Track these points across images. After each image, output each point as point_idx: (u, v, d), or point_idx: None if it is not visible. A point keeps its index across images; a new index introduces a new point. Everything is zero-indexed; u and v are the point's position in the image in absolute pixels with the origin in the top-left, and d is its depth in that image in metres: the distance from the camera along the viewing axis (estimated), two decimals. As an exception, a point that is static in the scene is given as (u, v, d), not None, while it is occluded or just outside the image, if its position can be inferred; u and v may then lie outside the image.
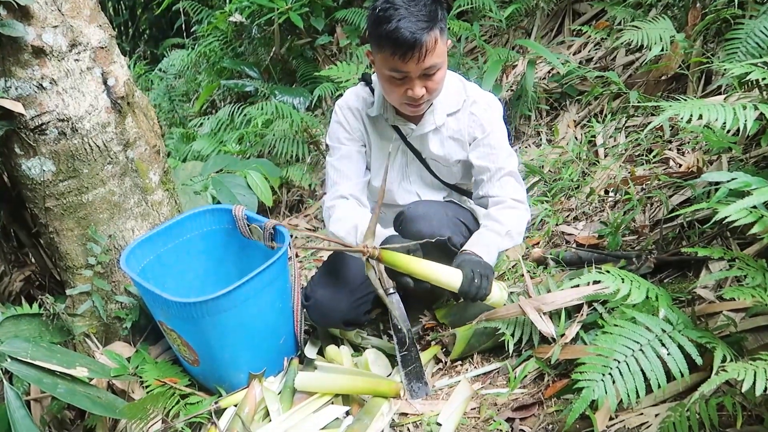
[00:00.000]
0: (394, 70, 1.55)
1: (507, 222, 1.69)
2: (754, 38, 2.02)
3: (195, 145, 3.89)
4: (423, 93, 1.59)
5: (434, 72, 1.57)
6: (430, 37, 1.49)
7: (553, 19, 3.45)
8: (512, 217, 1.72)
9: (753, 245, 1.53)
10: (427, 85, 1.58)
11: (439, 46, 1.53)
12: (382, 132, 1.80)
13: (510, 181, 1.75)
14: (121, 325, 1.91)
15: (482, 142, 1.73)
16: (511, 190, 1.74)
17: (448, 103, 1.72)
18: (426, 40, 1.49)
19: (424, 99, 1.61)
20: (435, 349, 1.81)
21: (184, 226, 1.93)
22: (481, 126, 1.73)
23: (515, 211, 1.73)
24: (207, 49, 4.62)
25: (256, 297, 1.67)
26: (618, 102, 2.65)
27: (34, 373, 1.50)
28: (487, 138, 1.73)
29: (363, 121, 1.80)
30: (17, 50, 1.60)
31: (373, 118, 1.78)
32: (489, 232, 1.69)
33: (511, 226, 1.69)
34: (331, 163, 1.84)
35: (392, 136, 1.79)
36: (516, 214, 1.73)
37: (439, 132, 1.75)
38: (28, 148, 1.70)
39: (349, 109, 1.81)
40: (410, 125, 1.75)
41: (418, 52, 1.50)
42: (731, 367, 1.03)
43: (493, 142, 1.74)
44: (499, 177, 1.74)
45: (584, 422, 1.32)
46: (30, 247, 2.06)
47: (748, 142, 1.86)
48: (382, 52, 1.54)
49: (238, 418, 1.61)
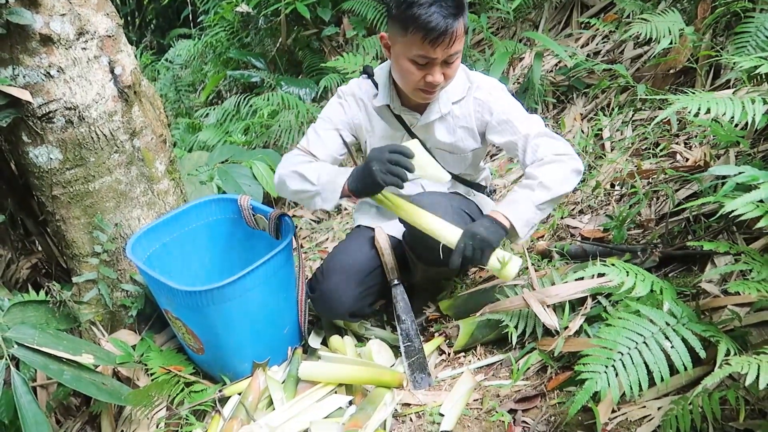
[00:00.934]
0: (421, 56, 1.55)
1: (541, 174, 1.58)
2: (764, 32, 2.00)
3: (201, 136, 3.90)
4: (442, 79, 1.59)
5: (455, 60, 1.58)
6: (459, 25, 1.51)
7: (560, 12, 3.43)
8: (549, 169, 1.59)
9: (759, 240, 1.53)
10: (446, 72, 1.59)
11: (462, 34, 1.55)
12: (388, 122, 1.80)
13: (543, 141, 1.63)
14: (127, 313, 1.92)
15: (495, 120, 1.70)
16: (545, 149, 1.62)
17: (453, 91, 1.72)
18: (456, 27, 1.50)
19: (441, 85, 1.62)
20: (438, 341, 1.81)
21: (190, 215, 1.93)
22: (489, 108, 1.70)
23: (554, 165, 1.59)
24: (213, 40, 4.62)
25: (261, 286, 1.68)
26: (625, 95, 2.63)
27: (40, 360, 1.52)
28: (499, 115, 1.69)
29: (366, 111, 1.80)
30: (25, 38, 1.60)
31: (378, 108, 1.78)
32: (520, 189, 1.61)
33: (545, 176, 1.57)
34: (315, 128, 1.80)
35: (397, 126, 1.79)
36: (554, 167, 1.59)
37: (445, 120, 1.74)
38: (36, 136, 1.70)
39: (353, 96, 1.80)
40: (415, 115, 1.74)
41: (448, 38, 1.51)
42: (735, 361, 1.03)
43: (507, 117, 1.68)
44: (530, 142, 1.64)
45: (587, 414, 1.32)
46: (37, 234, 2.07)
47: (756, 137, 1.85)
48: (409, 35, 1.53)
49: (242, 406, 1.62)
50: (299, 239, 1.88)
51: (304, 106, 3.57)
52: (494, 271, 1.52)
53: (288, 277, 1.80)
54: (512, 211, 1.55)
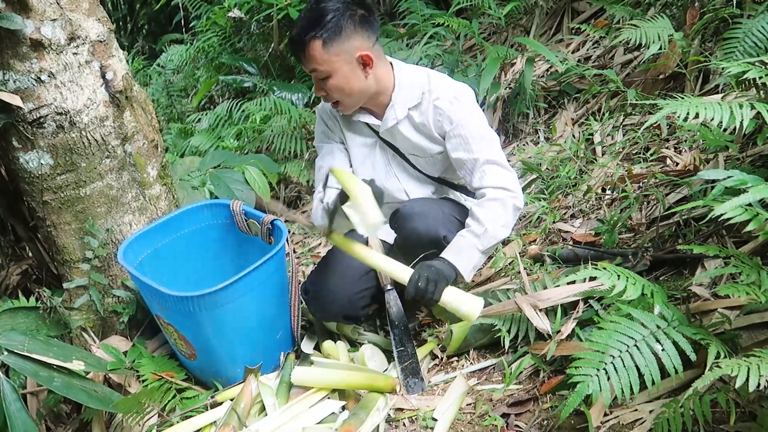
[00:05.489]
0: None
1: (485, 219, 1.61)
2: (751, 37, 2.03)
3: (193, 141, 3.89)
4: (322, 95, 1.69)
5: (325, 77, 1.64)
6: (305, 46, 1.60)
7: (552, 17, 3.45)
8: (492, 211, 1.62)
9: (748, 243, 1.54)
10: (324, 88, 1.67)
11: (319, 55, 1.60)
12: (358, 130, 1.85)
13: (491, 169, 1.66)
14: (118, 319, 1.91)
15: (452, 133, 1.70)
16: (491, 179, 1.65)
17: (408, 96, 1.74)
18: (301, 47, 1.61)
19: (330, 100, 1.71)
20: (431, 345, 1.81)
21: (182, 220, 1.93)
22: (449, 118, 1.70)
23: (495, 203, 1.63)
24: (206, 45, 4.61)
25: (254, 292, 1.68)
26: (616, 100, 2.65)
27: (30, 366, 1.50)
28: (457, 129, 1.69)
29: (339, 121, 1.86)
30: (15, 43, 1.59)
31: (345, 117, 1.83)
32: (467, 234, 1.64)
33: (490, 222, 1.61)
34: (318, 162, 1.90)
35: (367, 133, 1.83)
36: (497, 206, 1.63)
37: (404, 125, 1.76)
38: (26, 141, 1.69)
39: (325, 111, 1.87)
40: (375, 121, 1.78)
41: (299, 54, 1.64)
42: (725, 364, 1.04)
43: (464, 132, 1.68)
44: (478, 167, 1.66)
45: (579, 418, 1.33)
46: (27, 240, 2.06)
47: (744, 141, 1.87)
48: None
49: (234, 412, 1.61)
50: (292, 244, 1.87)
51: (296, 111, 3.56)
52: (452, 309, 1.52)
53: (281, 282, 1.80)
54: (460, 260, 1.61)
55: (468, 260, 1.62)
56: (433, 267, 1.55)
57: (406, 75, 1.75)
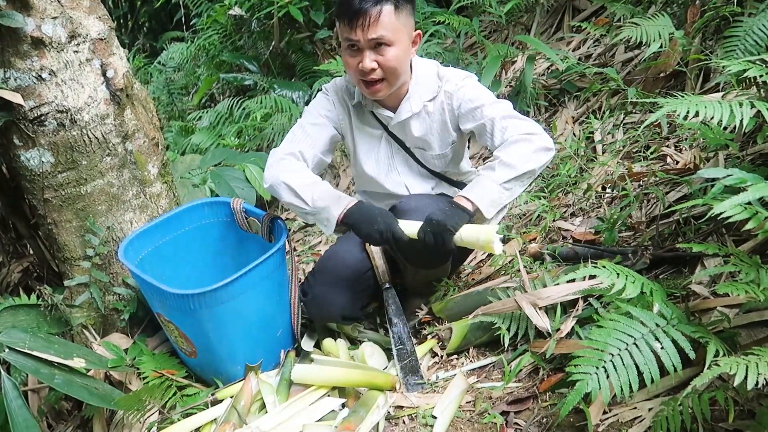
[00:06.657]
0: (346, 39, 1.60)
1: (503, 154, 1.58)
2: (752, 36, 2.03)
3: (194, 138, 3.90)
4: (373, 66, 1.60)
5: (384, 45, 1.58)
6: (380, 7, 1.54)
7: (552, 15, 3.45)
8: (513, 149, 1.58)
9: (748, 242, 1.54)
10: (379, 60, 1.59)
11: (389, 20, 1.55)
12: (366, 121, 1.82)
13: (511, 123, 1.63)
14: (119, 317, 1.91)
15: (464, 108, 1.70)
16: (512, 130, 1.61)
17: (425, 90, 1.73)
18: (374, 9, 1.54)
19: (376, 75, 1.62)
20: (431, 343, 1.82)
21: (183, 218, 1.93)
22: (458, 97, 1.71)
23: (519, 143, 1.58)
24: (206, 43, 4.61)
25: (254, 289, 1.68)
26: (616, 99, 2.65)
27: (31, 364, 1.51)
28: (467, 103, 1.70)
29: (348, 108, 1.82)
30: (16, 41, 1.59)
31: (356, 106, 1.80)
32: (481, 171, 1.62)
33: (508, 155, 1.57)
34: (301, 123, 1.81)
35: (374, 125, 1.81)
36: (519, 145, 1.58)
37: (420, 118, 1.75)
38: (27, 139, 1.70)
39: (336, 93, 1.83)
40: (388, 113, 1.76)
41: (363, 19, 1.54)
42: (724, 362, 1.04)
43: (476, 103, 1.68)
44: (497, 125, 1.64)
45: (578, 416, 1.33)
46: (28, 238, 2.07)
47: (744, 140, 1.87)
48: (338, 22, 1.61)
49: (234, 409, 1.62)
50: (292, 242, 1.88)
51: (297, 109, 3.57)
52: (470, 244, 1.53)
53: (281, 280, 1.80)
54: (474, 193, 1.56)
55: (482, 192, 1.56)
56: (434, 221, 1.53)
57: (422, 69, 1.75)
